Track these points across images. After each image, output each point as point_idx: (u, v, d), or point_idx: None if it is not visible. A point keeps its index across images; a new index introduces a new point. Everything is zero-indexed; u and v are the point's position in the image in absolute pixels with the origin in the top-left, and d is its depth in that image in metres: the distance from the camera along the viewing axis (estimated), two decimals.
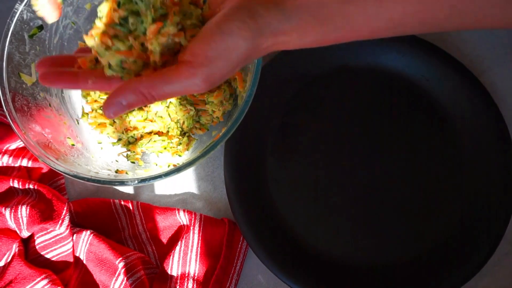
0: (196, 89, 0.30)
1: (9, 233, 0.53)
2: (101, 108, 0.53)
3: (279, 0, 0.30)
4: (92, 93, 0.54)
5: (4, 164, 0.55)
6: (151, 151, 0.53)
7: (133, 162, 0.53)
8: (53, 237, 0.52)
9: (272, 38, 0.30)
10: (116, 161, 0.52)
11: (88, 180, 0.44)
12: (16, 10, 0.48)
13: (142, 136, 0.52)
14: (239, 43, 0.29)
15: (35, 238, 0.53)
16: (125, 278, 0.49)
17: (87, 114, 0.54)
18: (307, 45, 0.31)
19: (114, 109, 0.31)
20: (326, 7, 0.29)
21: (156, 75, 0.30)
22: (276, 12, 0.29)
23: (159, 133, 0.52)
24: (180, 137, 0.52)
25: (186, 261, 0.51)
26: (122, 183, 0.44)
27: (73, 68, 0.34)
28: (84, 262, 0.53)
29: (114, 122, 0.53)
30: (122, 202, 0.54)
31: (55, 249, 0.52)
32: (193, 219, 0.52)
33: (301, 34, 0.30)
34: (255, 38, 0.29)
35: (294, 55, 0.54)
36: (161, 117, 0.51)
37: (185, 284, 0.50)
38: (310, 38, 0.31)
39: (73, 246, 0.52)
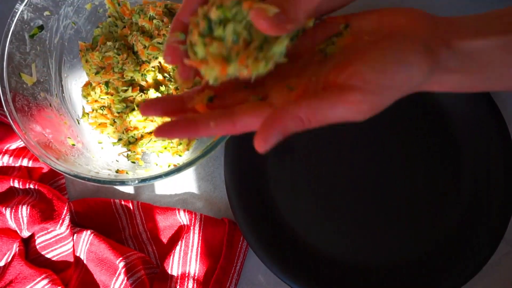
0: (358, 117, 0.28)
1: (10, 233, 0.53)
2: (102, 108, 0.54)
3: (448, 41, 0.29)
4: (92, 93, 0.54)
5: (5, 164, 0.56)
6: (151, 151, 0.53)
7: (134, 162, 0.53)
8: (53, 237, 0.53)
9: (439, 75, 0.29)
10: (117, 161, 0.52)
11: (89, 180, 0.44)
12: (16, 10, 0.48)
13: (142, 136, 0.52)
14: (415, 75, 0.28)
15: (36, 238, 0.53)
16: (126, 278, 0.49)
17: (88, 114, 0.55)
18: (462, 90, 0.31)
19: (272, 141, 0.27)
20: (490, 54, 0.29)
21: (316, 99, 0.28)
22: (448, 51, 0.29)
23: None
24: None
25: (186, 261, 0.51)
26: (122, 183, 0.44)
27: (184, 112, 0.31)
28: (85, 262, 0.53)
29: (115, 122, 0.53)
30: (123, 202, 0.54)
31: (55, 249, 0.52)
32: (193, 219, 0.52)
33: (462, 77, 0.30)
34: (429, 73, 0.29)
35: None
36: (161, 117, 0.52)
37: (185, 284, 0.50)
38: (468, 83, 0.30)
39: (73, 246, 0.52)
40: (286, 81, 0.31)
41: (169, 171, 0.44)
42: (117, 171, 0.50)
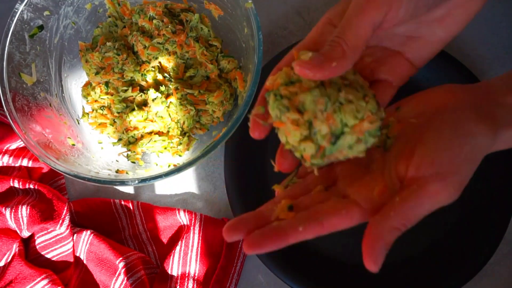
0: (449, 201, 0.28)
1: (10, 233, 0.53)
2: (102, 108, 0.54)
3: (496, 100, 0.30)
4: (92, 93, 0.54)
5: (5, 164, 0.55)
6: (151, 151, 0.53)
7: (134, 162, 0.53)
8: (53, 237, 0.53)
9: (502, 133, 0.29)
10: (117, 161, 0.52)
11: (89, 180, 0.44)
12: (16, 10, 0.48)
13: (142, 136, 0.52)
14: (483, 142, 0.28)
15: (36, 238, 0.53)
16: (126, 278, 0.49)
17: (88, 114, 0.55)
18: None
19: (381, 259, 0.28)
20: None
21: (402, 203, 0.28)
22: (501, 109, 0.30)
23: (159, 133, 0.52)
24: (181, 137, 0.52)
25: (186, 261, 0.51)
26: (122, 183, 0.44)
27: (268, 220, 0.31)
28: (85, 262, 0.53)
29: (115, 122, 0.53)
30: (123, 202, 0.54)
31: (55, 249, 0.52)
32: (193, 219, 0.52)
33: None
34: (494, 135, 0.29)
35: None
36: (162, 117, 0.51)
37: (185, 284, 0.50)
38: None
39: (73, 246, 0.52)
40: (358, 180, 0.32)
41: (169, 171, 0.44)
42: (117, 171, 0.50)
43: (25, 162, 0.55)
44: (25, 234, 0.52)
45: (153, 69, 0.52)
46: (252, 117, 0.33)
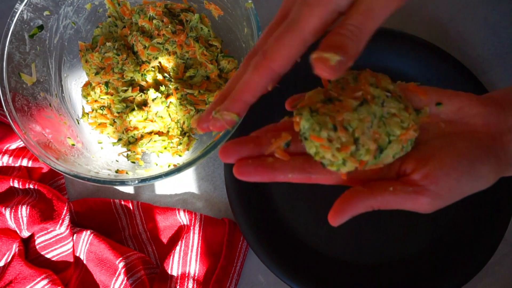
0: (422, 211, 0.30)
1: (9, 233, 0.53)
2: (102, 108, 0.54)
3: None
4: (92, 93, 0.54)
5: (4, 164, 0.55)
6: (151, 151, 0.53)
7: (134, 162, 0.53)
8: (53, 237, 0.53)
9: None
10: (117, 161, 0.52)
11: (89, 180, 0.44)
12: (16, 10, 0.48)
13: (142, 136, 0.52)
14: (482, 185, 0.31)
15: (35, 238, 0.53)
16: (125, 278, 0.49)
17: (88, 114, 0.55)
18: None
19: (343, 220, 0.30)
20: None
21: (391, 195, 0.30)
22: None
23: (159, 133, 0.52)
24: (181, 137, 0.52)
25: (186, 261, 0.51)
26: (122, 183, 0.44)
27: (266, 156, 0.32)
28: (84, 262, 0.53)
29: (115, 122, 0.53)
30: (123, 202, 0.54)
31: (55, 249, 0.52)
32: (193, 219, 0.52)
33: None
34: (501, 173, 0.31)
35: None
36: (162, 117, 0.51)
37: (185, 284, 0.50)
38: None
39: (73, 246, 0.52)
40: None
41: (169, 171, 0.44)
42: (117, 171, 0.50)
43: (25, 162, 0.55)
44: (25, 234, 0.52)
45: (153, 69, 0.52)
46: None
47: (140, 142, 0.52)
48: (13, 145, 0.55)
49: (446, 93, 0.33)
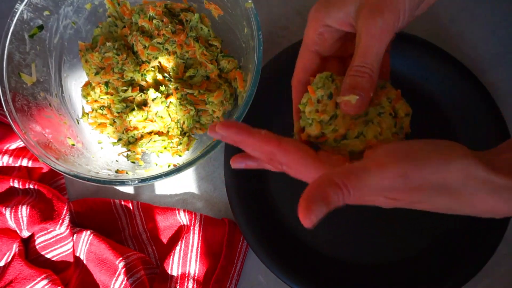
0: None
1: (9, 233, 0.53)
2: (102, 108, 0.54)
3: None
4: (92, 93, 0.54)
5: (4, 164, 0.55)
6: (151, 151, 0.53)
7: (134, 162, 0.53)
8: (53, 237, 0.53)
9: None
10: (116, 161, 0.52)
11: (89, 180, 0.44)
12: (16, 10, 0.48)
13: (142, 136, 0.52)
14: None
15: (35, 238, 0.53)
16: (125, 278, 0.49)
17: (87, 114, 0.54)
18: None
19: (315, 214, 0.28)
20: None
21: (351, 166, 0.29)
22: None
23: (159, 133, 0.52)
24: (180, 137, 0.52)
25: (186, 261, 0.51)
26: (122, 183, 0.44)
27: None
28: (84, 262, 0.53)
29: (115, 122, 0.53)
30: (123, 202, 0.54)
31: (55, 249, 0.52)
32: (193, 219, 0.52)
33: None
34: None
35: (294, 55, 0.54)
36: (161, 117, 0.51)
37: (185, 284, 0.50)
38: None
39: (73, 246, 0.52)
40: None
41: (169, 171, 0.44)
42: (117, 171, 0.50)
43: (25, 162, 0.55)
44: (25, 234, 0.52)
45: (153, 69, 0.52)
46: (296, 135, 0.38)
47: (140, 142, 0.52)
48: (13, 145, 0.55)
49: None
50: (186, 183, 0.56)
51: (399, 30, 0.34)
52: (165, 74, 0.52)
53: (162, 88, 0.51)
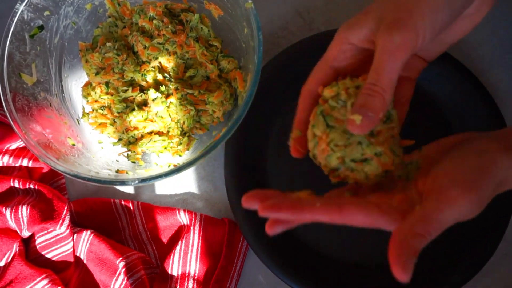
0: (470, 211, 0.30)
1: (10, 233, 0.53)
2: (102, 108, 0.54)
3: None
4: (92, 93, 0.54)
5: (5, 164, 0.56)
6: (151, 151, 0.53)
7: (134, 162, 0.53)
8: (53, 237, 0.53)
9: None
10: (117, 161, 0.52)
11: (89, 180, 0.44)
12: (16, 10, 0.48)
13: (142, 136, 0.52)
14: (501, 162, 0.30)
15: (36, 238, 0.53)
16: (126, 278, 0.49)
17: (88, 114, 0.55)
18: None
19: (411, 265, 0.28)
20: None
21: (423, 209, 0.30)
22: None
23: (159, 133, 0.52)
24: (181, 137, 0.52)
25: (186, 261, 0.51)
26: (122, 183, 0.44)
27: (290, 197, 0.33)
28: (85, 262, 0.53)
29: (115, 122, 0.53)
30: (123, 202, 0.54)
31: (55, 249, 0.52)
32: (193, 219, 0.52)
33: None
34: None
35: (294, 55, 0.54)
36: (162, 117, 0.51)
37: (186, 284, 0.50)
38: None
39: (73, 246, 0.52)
40: (381, 192, 0.34)
41: (169, 171, 0.44)
42: (117, 171, 0.50)
43: (25, 162, 0.55)
44: (25, 234, 0.52)
45: (153, 69, 0.52)
46: (292, 142, 0.37)
47: (140, 142, 0.52)
48: (14, 145, 0.55)
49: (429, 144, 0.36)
50: (186, 183, 0.56)
51: (418, 50, 0.32)
52: (165, 74, 0.52)
53: (162, 88, 0.51)
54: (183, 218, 0.53)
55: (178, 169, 0.44)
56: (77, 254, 0.53)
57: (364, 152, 0.32)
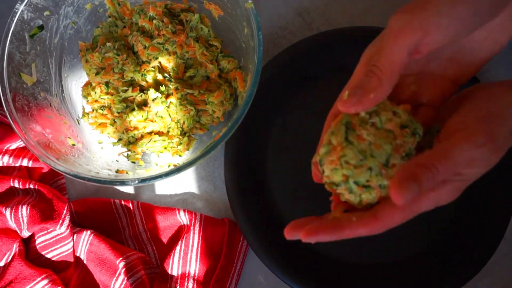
0: (484, 158, 0.29)
1: (10, 233, 0.53)
2: (102, 108, 0.54)
3: None
4: (92, 93, 0.54)
5: (5, 164, 0.55)
6: (151, 151, 0.53)
7: (134, 162, 0.53)
8: (53, 237, 0.53)
9: None
10: (117, 161, 0.52)
11: (89, 180, 0.44)
12: (16, 10, 0.48)
13: (142, 136, 0.52)
14: None
15: (36, 238, 0.53)
16: (126, 278, 0.49)
17: (88, 114, 0.55)
18: None
19: (406, 191, 0.27)
20: None
21: (434, 150, 0.29)
22: None
23: (159, 133, 0.52)
24: (181, 137, 0.52)
25: (186, 261, 0.51)
26: (122, 183, 0.44)
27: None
28: (85, 262, 0.53)
29: (115, 122, 0.53)
30: (123, 202, 0.54)
31: (55, 249, 0.52)
32: (193, 219, 0.52)
33: None
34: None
35: (294, 55, 0.54)
36: (162, 117, 0.51)
37: (186, 284, 0.50)
38: None
39: (73, 246, 0.52)
40: None
41: (169, 171, 0.44)
42: (117, 171, 0.50)
43: (25, 162, 0.55)
44: (25, 234, 0.52)
45: (153, 69, 0.52)
46: (313, 167, 0.35)
47: (140, 142, 0.52)
48: (13, 145, 0.55)
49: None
50: (186, 183, 0.56)
51: (437, 46, 0.30)
52: (165, 74, 0.52)
53: (162, 88, 0.51)
54: (183, 218, 0.53)
55: (178, 169, 0.44)
56: (77, 254, 0.53)
57: (370, 179, 0.31)
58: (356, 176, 0.31)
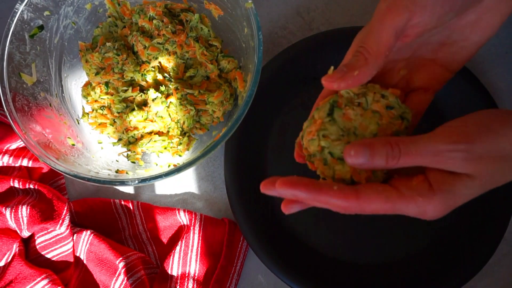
0: (462, 164, 0.28)
1: (10, 233, 0.53)
2: (102, 108, 0.54)
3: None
4: (92, 93, 0.54)
5: (5, 164, 0.55)
6: (151, 151, 0.53)
7: (134, 162, 0.53)
8: (53, 237, 0.53)
9: None
10: (117, 161, 0.52)
11: (89, 180, 0.44)
12: (16, 10, 0.48)
13: (142, 136, 0.52)
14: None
15: (36, 238, 0.53)
16: (126, 278, 0.49)
17: (88, 114, 0.55)
18: None
19: (357, 148, 0.28)
20: None
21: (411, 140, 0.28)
22: None
23: (159, 133, 0.52)
24: (181, 137, 0.52)
25: (186, 261, 0.51)
26: (122, 183, 0.44)
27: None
28: (85, 262, 0.53)
29: (115, 122, 0.53)
30: (123, 202, 0.54)
31: (55, 249, 0.52)
32: (193, 219, 0.52)
33: None
34: None
35: (294, 55, 0.54)
36: (162, 117, 0.51)
37: (185, 284, 0.50)
38: None
39: (73, 246, 0.52)
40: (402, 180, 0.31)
41: (169, 171, 0.44)
42: (117, 171, 0.50)
43: (25, 162, 0.55)
44: (25, 234, 0.52)
45: (153, 69, 0.52)
46: (296, 146, 0.35)
47: (140, 142, 0.52)
48: (13, 145, 0.55)
49: None
50: (186, 183, 0.56)
51: (425, 28, 0.30)
52: (165, 74, 0.52)
53: (162, 88, 0.51)
54: (183, 218, 0.53)
55: (178, 169, 0.44)
56: (77, 254, 0.53)
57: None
58: (332, 148, 0.31)
